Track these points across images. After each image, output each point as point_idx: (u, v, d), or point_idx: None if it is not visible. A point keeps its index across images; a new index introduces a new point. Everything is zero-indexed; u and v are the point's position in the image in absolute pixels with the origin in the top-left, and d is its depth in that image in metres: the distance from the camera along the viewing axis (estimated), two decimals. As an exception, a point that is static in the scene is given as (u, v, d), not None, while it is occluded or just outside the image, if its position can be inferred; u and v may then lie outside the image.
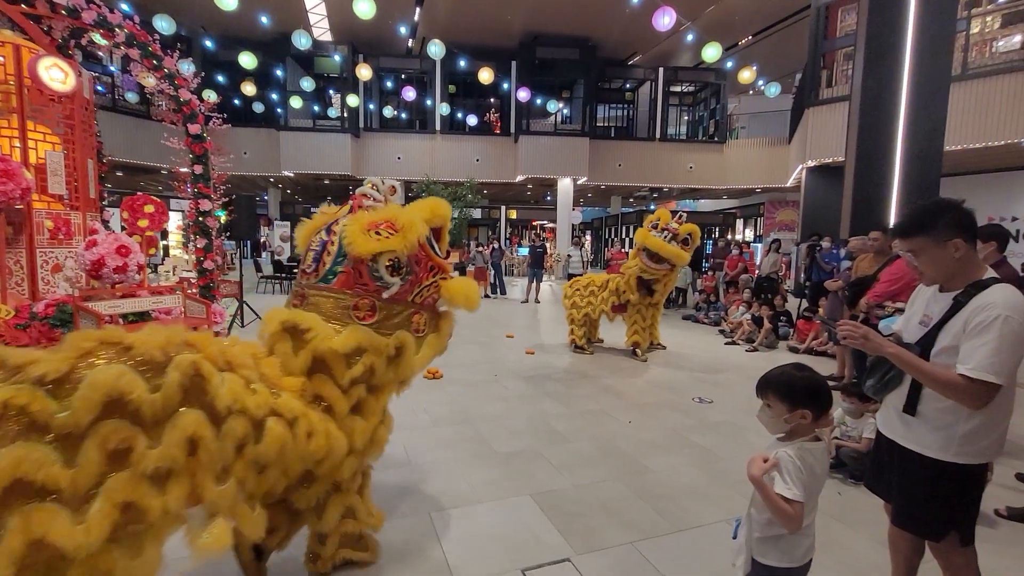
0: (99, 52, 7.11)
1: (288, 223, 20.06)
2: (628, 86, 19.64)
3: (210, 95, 7.66)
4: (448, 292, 2.03)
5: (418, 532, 2.43)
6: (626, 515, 2.63)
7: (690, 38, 14.69)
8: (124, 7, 11.92)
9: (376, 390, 1.95)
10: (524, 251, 18.83)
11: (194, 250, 6.96)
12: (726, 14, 13.96)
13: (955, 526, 1.62)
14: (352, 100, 14.63)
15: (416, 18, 14.90)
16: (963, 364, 1.47)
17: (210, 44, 15.55)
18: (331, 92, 18.63)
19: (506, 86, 17.14)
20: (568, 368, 5.70)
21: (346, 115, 16.93)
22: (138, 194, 6.59)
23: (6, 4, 5.30)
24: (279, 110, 16.96)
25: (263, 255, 20.15)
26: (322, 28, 15.93)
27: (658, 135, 18.12)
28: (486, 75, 11.26)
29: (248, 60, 10.76)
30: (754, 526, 1.51)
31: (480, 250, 13.50)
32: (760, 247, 16.26)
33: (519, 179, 17.46)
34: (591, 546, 2.36)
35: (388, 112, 16.71)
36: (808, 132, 12.62)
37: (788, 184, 16.04)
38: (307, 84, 13.68)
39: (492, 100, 19.26)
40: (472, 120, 16.49)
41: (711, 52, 8.73)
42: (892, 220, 6.92)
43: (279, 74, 16.55)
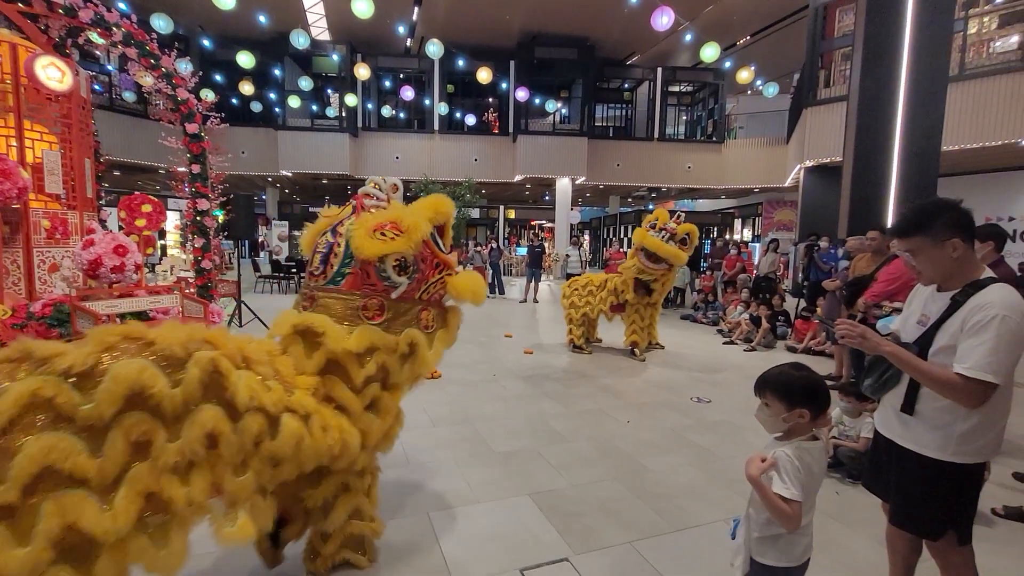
0: (96, 51, 7.08)
1: (286, 223, 20.00)
2: (626, 86, 19.64)
3: (208, 94, 7.63)
4: (455, 287, 2.05)
5: (417, 532, 2.43)
6: (624, 515, 2.63)
7: (688, 38, 14.71)
8: (122, 6, 11.90)
9: (392, 388, 1.98)
10: (522, 251, 18.83)
11: (192, 250, 6.94)
12: (724, 14, 13.98)
13: (953, 525, 1.62)
14: (350, 99, 14.60)
15: (415, 17, 14.88)
16: (960, 363, 1.47)
17: (208, 43, 15.52)
18: (329, 91, 18.59)
19: (504, 86, 17.12)
20: (567, 368, 5.70)
21: (344, 115, 16.89)
22: (135, 193, 6.56)
23: (2, 2, 5.28)
24: (277, 109, 16.91)
25: (261, 255, 20.11)
26: (320, 27, 15.90)
27: (656, 135, 18.13)
28: (484, 75, 11.25)
29: (246, 59, 10.74)
30: (752, 526, 1.50)
31: (478, 250, 13.53)
32: (758, 247, 16.29)
33: (517, 179, 17.45)
34: (589, 546, 2.36)
35: (386, 112, 16.68)
36: (806, 132, 12.64)
37: (786, 184, 16.06)
38: (305, 83, 13.64)
39: (490, 100, 19.24)
40: (470, 120, 16.48)
41: (709, 52, 8.74)
42: (890, 220, 6.93)
43: (277, 73, 16.50)
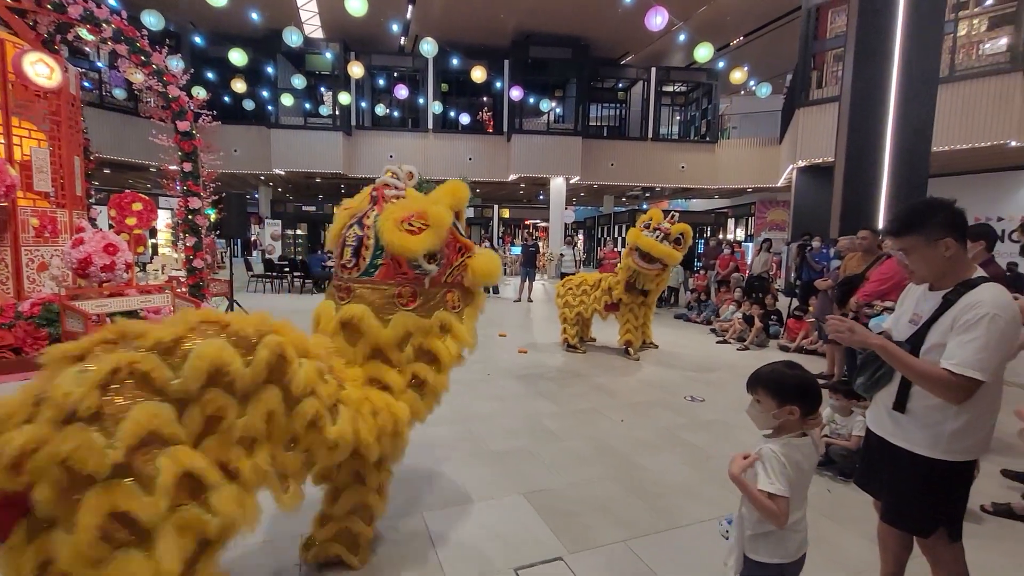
0: (86, 47, 7.00)
1: (279, 221, 19.89)
2: (620, 86, 19.69)
3: (199, 92, 7.58)
4: (473, 272, 2.16)
5: (411, 531, 2.43)
6: (619, 513, 2.64)
7: (682, 38, 14.78)
8: (111, 2, 11.74)
9: (435, 365, 2.11)
10: (517, 250, 18.83)
11: (183, 248, 6.89)
12: (718, 14, 14.04)
13: (943, 522, 1.64)
14: (344, 98, 14.54)
15: (408, 16, 14.84)
16: (948, 359, 1.49)
17: (199, 40, 15.39)
18: (322, 90, 18.48)
19: (499, 85, 17.11)
20: (561, 367, 5.70)
21: (338, 113, 16.81)
22: (126, 192, 6.51)
23: (-10, -2, 5.22)
24: (270, 107, 16.79)
25: (254, 254, 19.99)
26: (313, 25, 15.81)
27: (650, 135, 18.19)
28: (479, 74, 11.25)
29: (238, 57, 10.67)
30: (746, 524, 1.52)
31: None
32: (751, 246, 16.41)
33: (512, 178, 17.46)
34: (584, 545, 2.36)
35: (380, 110, 16.60)
36: (798, 132, 12.71)
37: (779, 184, 16.16)
38: (298, 81, 13.57)
39: (485, 99, 19.21)
40: (465, 119, 16.45)
41: (703, 52, 8.78)
42: (881, 220, 6.99)
43: (270, 71, 16.39)
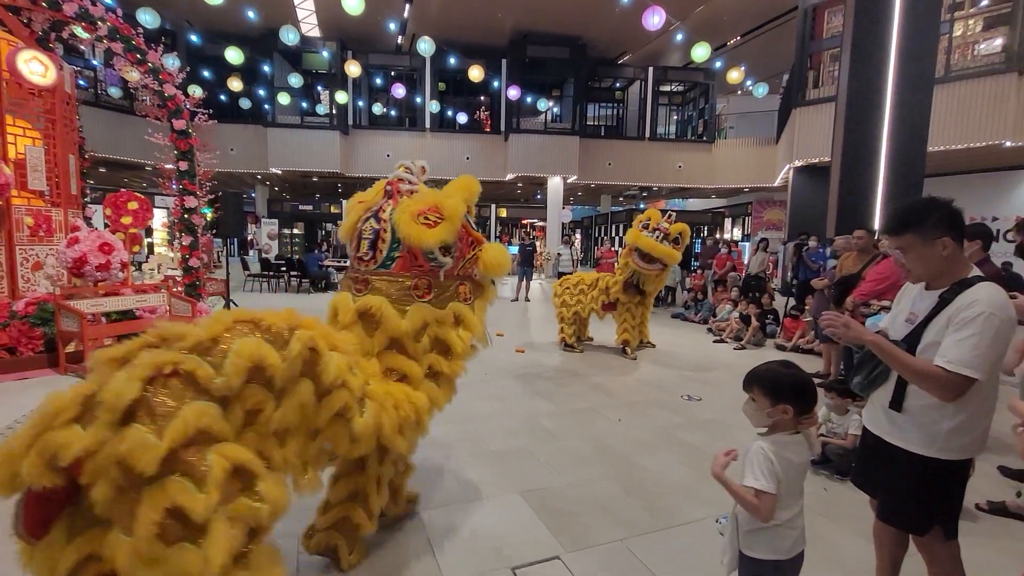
0: (81, 45, 6.96)
1: (276, 220, 19.84)
2: (618, 85, 19.69)
3: (195, 90, 7.54)
4: (485, 265, 2.24)
5: (408, 531, 2.43)
6: (616, 513, 2.64)
7: (679, 38, 14.79)
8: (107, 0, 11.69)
9: (450, 355, 2.20)
10: (514, 249, 18.81)
11: (179, 248, 6.86)
12: (715, 14, 14.06)
13: (939, 520, 1.65)
14: (341, 97, 14.48)
15: (406, 15, 14.80)
16: (942, 356, 1.49)
17: (196, 38, 15.32)
18: (319, 88, 18.43)
19: (496, 84, 17.09)
20: (558, 366, 5.71)
21: (335, 112, 16.76)
22: (121, 191, 6.48)
23: (-16, -5, 5.19)
24: (266, 106, 16.72)
25: (250, 253, 19.93)
26: (310, 24, 15.76)
27: (647, 134, 18.20)
28: (476, 73, 11.24)
29: (235, 55, 10.62)
30: (741, 521, 1.53)
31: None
32: (748, 246, 16.42)
33: (509, 177, 17.44)
34: (581, 544, 2.36)
35: (377, 109, 16.57)
36: (795, 132, 12.75)
37: (775, 184, 16.20)
38: (295, 80, 13.51)
39: (482, 98, 19.20)
40: (462, 118, 16.43)
41: (700, 52, 8.79)
42: (877, 219, 7.03)
43: (266, 70, 16.32)
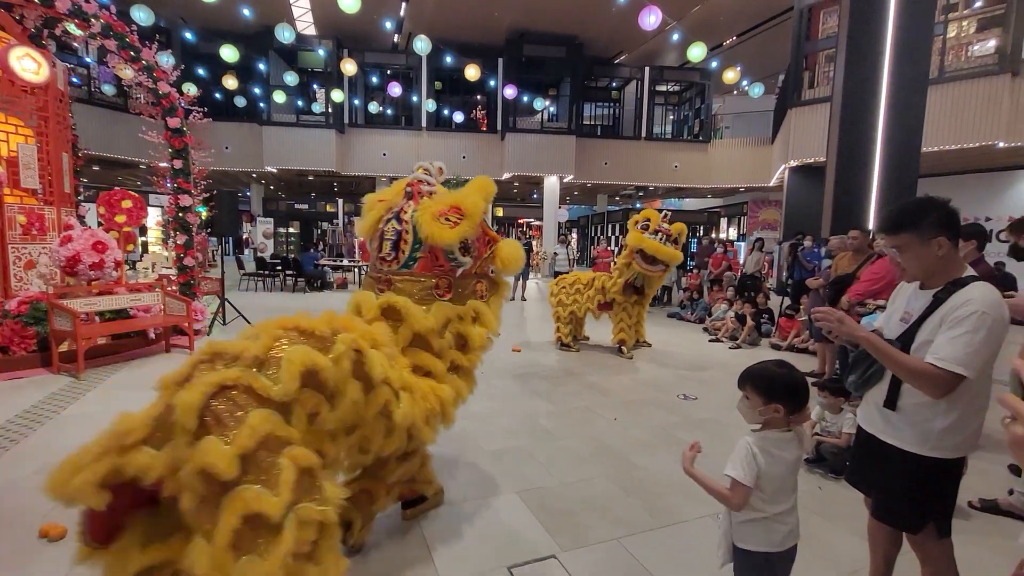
0: (74, 42, 6.91)
1: (271, 219, 19.76)
2: (614, 85, 19.71)
3: (190, 88, 7.50)
4: (502, 261, 2.33)
5: (405, 530, 2.42)
6: (612, 512, 2.65)
7: (676, 38, 14.80)
8: (100, -3, 11.61)
9: (468, 350, 2.29)
10: (511, 248, 18.79)
11: (174, 246, 6.83)
12: (711, 14, 14.10)
13: (932, 518, 1.66)
14: (337, 95, 14.43)
15: (402, 13, 14.77)
16: (933, 353, 1.50)
17: (190, 36, 15.24)
18: (315, 87, 18.36)
19: (493, 83, 17.06)
20: (554, 366, 5.71)
21: (330, 110, 16.71)
22: (115, 189, 6.44)
23: (-25, -9, 5.13)
24: (262, 104, 16.65)
25: (246, 252, 19.85)
26: (306, 22, 15.70)
27: (644, 134, 18.22)
28: (472, 72, 11.21)
29: (230, 53, 10.55)
30: (733, 513, 1.55)
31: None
32: (743, 246, 16.48)
33: (505, 177, 17.43)
34: (577, 543, 2.37)
35: (373, 108, 16.51)
36: (791, 132, 12.80)
37: (771, 184, 16.26)
38: (290, 78, 13.45)
39: (479, 97, 19.18)
40: (458, 117, 16.40)
41: (696, 52, 8.81)
42: (872, 219, 7.06)
43: (262, 68, 16.26)
